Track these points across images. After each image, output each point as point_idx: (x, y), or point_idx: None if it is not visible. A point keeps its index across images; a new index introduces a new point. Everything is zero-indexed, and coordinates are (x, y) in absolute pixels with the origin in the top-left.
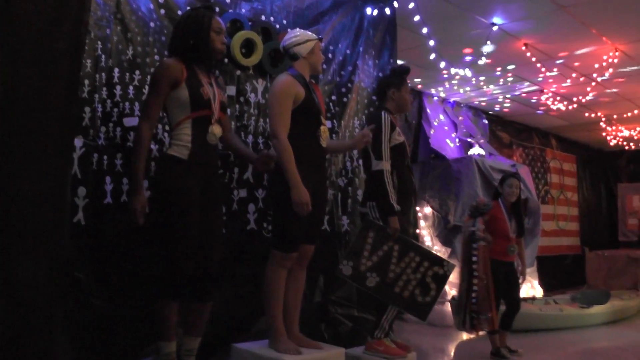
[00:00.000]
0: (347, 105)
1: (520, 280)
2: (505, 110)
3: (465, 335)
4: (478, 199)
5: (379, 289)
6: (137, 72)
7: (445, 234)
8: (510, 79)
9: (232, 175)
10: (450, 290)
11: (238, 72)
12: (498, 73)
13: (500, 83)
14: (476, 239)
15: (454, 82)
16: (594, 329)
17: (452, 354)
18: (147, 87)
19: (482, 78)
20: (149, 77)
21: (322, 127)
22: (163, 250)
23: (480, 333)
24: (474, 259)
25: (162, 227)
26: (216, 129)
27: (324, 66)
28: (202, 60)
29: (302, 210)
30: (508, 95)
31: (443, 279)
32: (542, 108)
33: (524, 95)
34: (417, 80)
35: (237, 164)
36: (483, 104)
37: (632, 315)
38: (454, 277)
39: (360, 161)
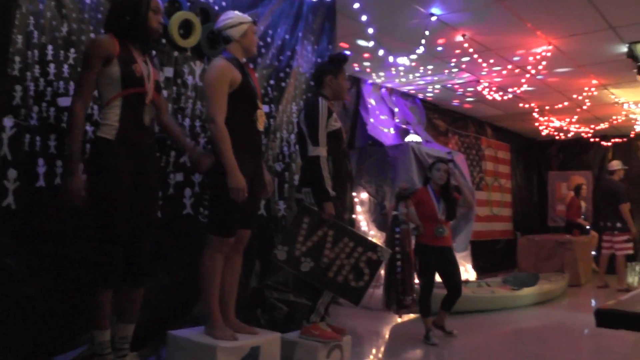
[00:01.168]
0: (285, 90)
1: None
2: (442, 98)
3: (399, 318)
4: (401, 185)
5: (313, 273)
6: (72, 50)
7: (381, 219)
8: (447, 68)
9: (169, 159)
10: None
11: (175, 54)
12: (436, 62)
13: (438, 72)
14: (399, 222)
15: (392, 70)
16: (524, 310)
17: (387, 336)
18: None
19: (419, 67)
20: None
21: (258, 111)
22: (94, 236)
23: (412, 316)
24: (397, 242)
25: (92, 211)
26: (150, 108)
27: (263, 50)
28: (138, 39)
29: (238, 196)
30: (445, 84)
31: (377, 264)
32: (478, 98)
33: (460, 84)
34: (355, 67)
35: (173, 147)
36: (420, 91)
37: (558, 296)
38: None
39: (298, 146)
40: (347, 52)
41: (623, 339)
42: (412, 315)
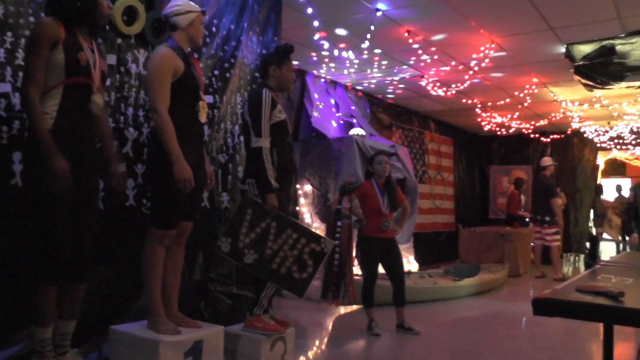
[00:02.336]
0: (229, 81)
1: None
2: (386, 93)
3: (342, 310)
4: (345, 179)
5: (256, 265)
6: (9, 33)
7: (324, 211)
8: (391, 63)
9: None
10: None
11: (119, 41)
12: (380, 57)
13: (382, 67)
14: (341, 216)
15: (337, 63)
16: (465, 300)
17: (330, 327)
18: (20, 50)
19: (364, 61)
20: (23, 39)
21: (200, 102)
22: (36, 230)
23: (355, 307)
24: (337, 235)
25: (31, 205)
26: (98, 98)
27: (207, 40)
28: (87, 24)
29: (185, 187)
30: (389, 79)
31: (320, 256)
32: (422, 93)
33: (405, 79)
34: (300, 59)
35: (116, 137)
36: (365, 85)
37: (498, 286)
38: None
39: (242, 137)
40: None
41: (558, 326)
42: (355, 307)
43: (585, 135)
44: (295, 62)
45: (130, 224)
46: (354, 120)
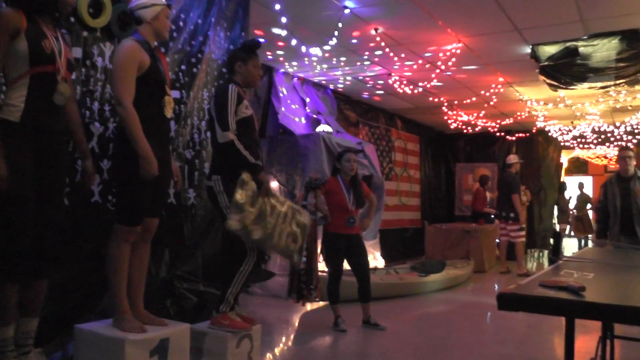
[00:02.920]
0: (196, 76)
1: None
2: (353, 90)
3: (309, 306)
4: (311, 175)
5: (263, 240)
6: None
7: None
8: (359, 61)
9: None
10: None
11: (85, 34)
12: (348, 54)
13: (350, 64)
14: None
15: (305, 60)
16: (431, 295)
17: (297, 324)
18: None
19: (332, 58)
20: None
21: (166, 97)
22: None
23: (322, 303)
24: None
25: None
26: (63, 88)
27: (175, 34)
28: (49, 12)
29: (150, 178)
30: (357, 76)
31: (305, 227)
32: (389, 90)
33: (372, 77)
34: (268, 56)
35: None
36: (332, 82)
37: (464, 281)
38: None
39: (209, 133)
40: (261, 40)
41: (522, 320)
42: (321, 303)
43: (549, 134)
44: (262, 58)
45: (95, 221)
46: (321, 117)
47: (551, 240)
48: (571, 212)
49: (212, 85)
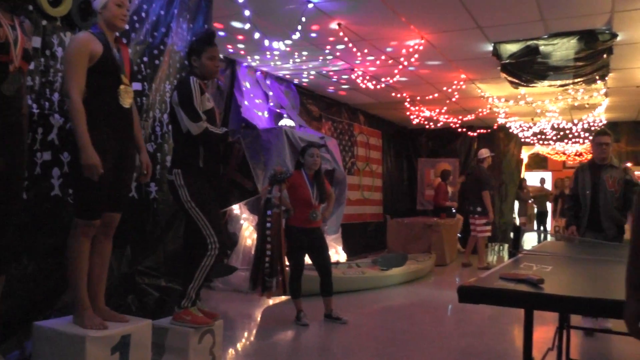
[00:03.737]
0: (159, 68)
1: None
2: (317, 84)
3: (271, 301)
4: (276, 168)
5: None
6: None
7: (253, 202)
8: (322, 55)
9: (36, 136)
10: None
11: (44, 23)
12: (311, 49)
13: (313, 59)
14: (271, 205)
15: (268, 53)
16: (393, 289)
17: (259, 319)
18: None
19: (295, 52)
20: None
21: (122, 87)
22: None
23: (284, 298)
24: (268, 225)
25: None
26: (14, 78)
27: (137, 25)
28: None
29: (92, 174)
30: (320, 71)
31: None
32: (352, 85)
33: (335, 72)
34: (230, 49)
35: (40, 124)
36: (295, 76)
37: (425, 275)
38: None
39: (171, 126)
40: (218, 32)
41: (483, 312)
42: (283, 298)
43: (510, 130)
44: (225, 52)
45: (55, 215)
46: (284, 111)
47: (511, 234)
48: (530, 202)
49: (174, 77)
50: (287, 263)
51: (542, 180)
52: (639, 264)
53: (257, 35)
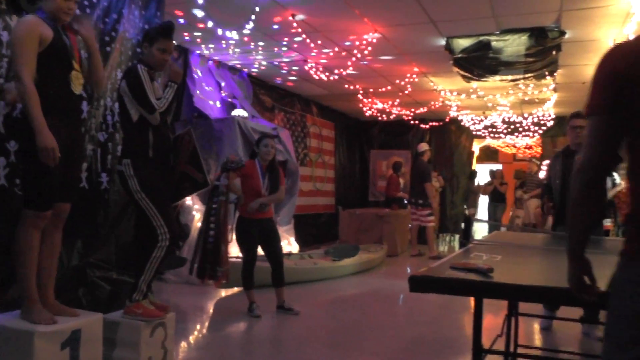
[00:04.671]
0: (110, 55)
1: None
2: (270, 75)
3: (223, 292)
4: (229, 155)
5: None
6: None
7: (205, 193)
8: (275, 46)
9: None
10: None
11: None
12: (265, 39)
13: (266, 49)
14: (218, 193)
15: (222, 43)
16: (345, 279)
17: (211, 311)
18: None
19: (249, 42)
20: None
21: (73, 72)
22: None
23: (236, 289)
24: (213, 212)
25: None
26: None
27: (88, 11)
28: None
29: (49, 158)
30: (273, 61)
31: None
32: (305, 77)
33: (288, 62)
34: (185, 37)
35: None
36: (248, 67)
37: (377, 265)
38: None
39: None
40: (180, 20)
41: (434, 301)
42: (235, 289)
43: (462, 123)
44: (179, 39)
45: (2, 206)
46: (237, 101)
47: (462, 225)
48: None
49: (125, 65)
50: (238, 254)
51: (492, 174)
52: (574, 235)
53: (210, 24)
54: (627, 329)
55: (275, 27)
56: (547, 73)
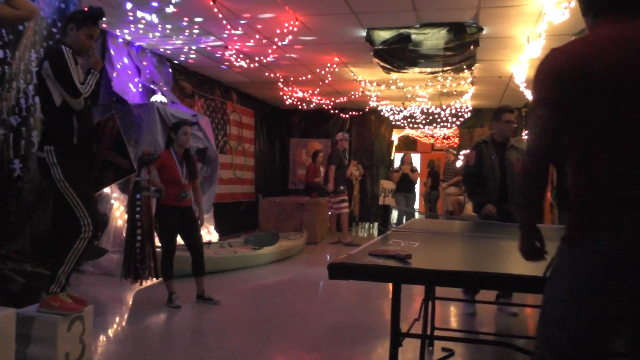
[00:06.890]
0: (23, 34)
1: (199, 224)
2: (190, 61)
3: (142, 284)
4: (143, 149)
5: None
6: None
7: (123, 181)
8: (196, 31)
9: None
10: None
11: None
12: (185, 24)
13: (187, 34)
14: (140, 189)
15: (141, 26)
16: (265, 267)
17: (130, 303)
18: None
19: (168, 26)
20: None
21: None
22: None
23: (155, 280)
24: (138, 209)
25: None
26: None
27: None
28: None
29: None
30: (193, 47)
31: None
32: (225, 63)
33: (208, 48)
34: (102, 18)
35: None
36: (168, 52)
37: (297, 253)
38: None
39: (37, 99)
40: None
41: (353, 287)
42: (155, 280)
43: (382, 113)
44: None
45: None
46: (156, 87)
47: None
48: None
49: (40, 45)
50: (158, 244)
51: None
52: (531, 208)
53: (129, 6)
54: (563, 307)
55: (195, 11)
56: (465, 67)
